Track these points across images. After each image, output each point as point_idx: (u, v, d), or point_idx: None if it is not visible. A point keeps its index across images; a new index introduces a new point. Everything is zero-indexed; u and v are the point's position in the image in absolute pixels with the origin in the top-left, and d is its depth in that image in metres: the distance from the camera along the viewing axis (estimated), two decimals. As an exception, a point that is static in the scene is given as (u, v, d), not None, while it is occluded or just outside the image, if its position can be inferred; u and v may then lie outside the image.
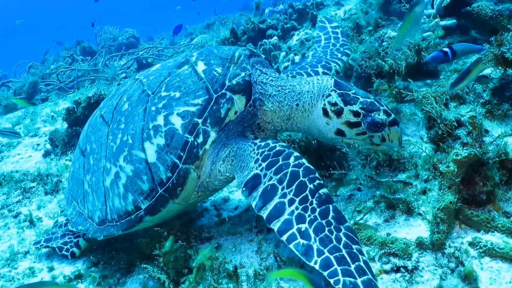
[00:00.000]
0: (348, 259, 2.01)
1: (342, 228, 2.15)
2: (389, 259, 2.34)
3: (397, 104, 3.98)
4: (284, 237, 2.19)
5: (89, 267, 3.47)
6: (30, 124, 8.16)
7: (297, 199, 2.29)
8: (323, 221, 2.18)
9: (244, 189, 2.53)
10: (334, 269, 1.98)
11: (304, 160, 2.46)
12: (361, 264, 1.99)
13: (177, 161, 2.71)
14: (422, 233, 2.44)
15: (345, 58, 3.81)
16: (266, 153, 2.58)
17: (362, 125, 2.66)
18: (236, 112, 2.79)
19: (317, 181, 2.33)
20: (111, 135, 3.03)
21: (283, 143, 2.66)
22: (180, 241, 2.84)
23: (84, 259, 3.61)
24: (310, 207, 2.25)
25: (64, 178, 5.39)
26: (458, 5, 4.82)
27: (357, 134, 2.70)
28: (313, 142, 3.43)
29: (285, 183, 2.38)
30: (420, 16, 3.07)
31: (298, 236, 2.16)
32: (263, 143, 2.66)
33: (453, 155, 2.35)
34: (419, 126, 3.54)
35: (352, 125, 2.68)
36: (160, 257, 2.73)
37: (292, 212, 2.26)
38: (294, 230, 2.19)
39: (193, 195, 2.87)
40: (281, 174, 2.42)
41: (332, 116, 2.72)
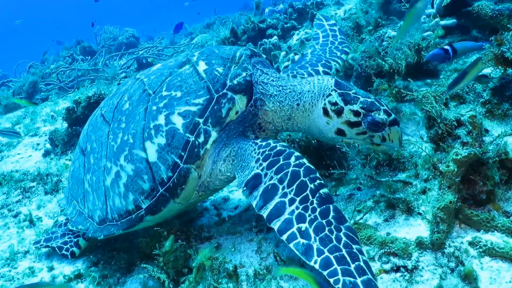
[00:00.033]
0: (348, 259, 2.01)
1: (343, 228, 2.15)
2: (389, 259, 2.33)
3: (397, 104, 3.97)
4: (284, 237, 2.19)
5: (89, 267, 3.47)
6: (30, 124, 8.16)
7: (298, 199, 2.29)
8: (323, 221, 2.18)
9: (245, 189, 2.53)
10: (334, 269, 1.97)
11: (305, 160, 2.46)
12: (361, 264, 1.99)
13: (178, 161, 2.71)
14: (422, 233, 2.44)
15: (344, 57, 3.81)
16: (267, 153, 2.57)
17: (363, 125, 2.65)
18: (237, 112, 2.79)
19: (318, 181, 2.33)
20: (112, 134, 3.03)
21: (284, 143, 2.65)
22: (180, 241, 2.84)
23: (84, 259, 3.61)
24: (311, 207, 2.24)
25: (64, 178, 5.39)
26: (458, 5, 4.81)
27: (358, 134, 2.70)
28: (313, 142, 3.43)
29: (286, 183, 2.37)
30: (422, 12, 3.08)
31: (298, 236, 2.16)
32: (264, 143, 2.66)
33: (453, 155, 2.35)
34: (419, 126, 3.54)
35: (353, 125, 2.68)
36: (160, 257, 2.73)
37: (293, 212, 2.26)
38: (294, 230, 2.19)
39: (194, 195, 2.87)
40: (282, 174, 2.42)
41: (333, 116, 2.72)
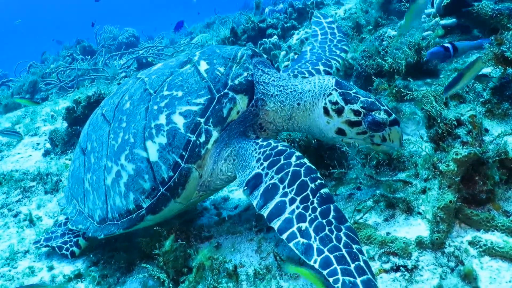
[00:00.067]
0: (348, 259, 2.00)
1: (343, 228, 2.15)
2: (389, 258, 2.33)
3: (397, 103, 3.97)
4: (284, 236, 2.19)
5: (89, 266, 3.47)
6: (30, 124, 8.16)
7: (298, 198, 2.29)
8: (324, 221, 2.17)
9: (246, 188, 2.53)
10: (334, 268, 1.97)
11: (306, 160, 2.46)
12: (361, 264, 1.99)
13: (179, 160, 2.71)
14: (422, 232, 2.43)
15: (344, 55, 3.81)
16: (268, 153, 2.57)
17: (363, 124, 2.65)
18: (238, 112, 2.79)
19: (319, 181, 2.33)
20: (113, 134, 3.03)
21: (285, 143, 2.65)
22: (180, 240, 2.83)
23: (84, 258, 3.61)
24: (311, 207, 2.24)
25: (64, 177, 5.39)
26: (458, 4, 4.81)
27: (358, 134, 2.70)
28: (313, 141, 3.43)
29: (287, 182, 2.37)
30: (423, 8, 3.08)
31: (298, 235, 2.16)
32: (265, 143, 2.66)
33: (453, 154, 2.35)
34: (419, 125, 3.53)
35: (353, 124, 2.68)
36: (160, 256, 2.73)
37: (293, 211, 2.25)
38: (294, 229, 2.19)
39: (195, 194, 2.87)
40: (283, 173, 2.42)
41: (333, 115, 2.72)
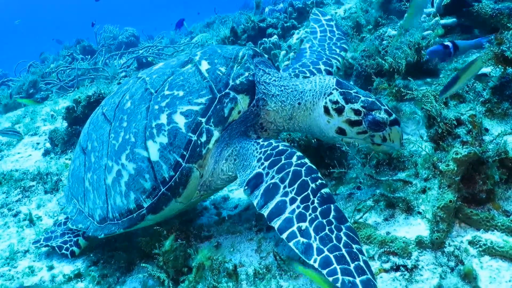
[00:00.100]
0: (348, 258, 2.00)
1: (343, 228, 2.15)
2: (389, 258, 2.33)
3: (397, 103, 3.97)
4: (284, 235, 2.19)
5: (89, 266, 3.47)
6: (30, 123, 8.16)
7: (299, 198, 2.29)
8: (324, 220, 2.18)
9: (246, 188, 2.53)
10: (333, 268, 1.97)
11: (307, 160, 2.46)
12: (361, 264, 1.99)
13: (180, 160, 2.71)
14: (422, 232, 2.43)
15: (343, 54, 3.81)
16: (269, 152, 2.57)
17: (363, 124, 2.66)
18: (240, 112, 2.79)
19: (319, 181, 2.33)
20: (113, 133, 3.03)
21: (286, 143, 2.66)
22: (180, 240, 2.83)
23: (84, 258, 3.61)
24: (311, 206, 2.24)
25: (64, 177, 5.39)
26: (458, 4, 4.81)
27: (358, 133, 2.70)
28: (313, 141, 3.43)
29: (287, 182, 2.37)
30: (424, 2, 3.07)
31: (298, 235, 2.16)
32: (266, 143, 2.66)
33: (453, 154, 2.35)
34: (419, 125, 3.53)
35: (353, 124, 2.68)
36: (160, 256, 2.72)
37: (293, 211, 2.26)
38: (295, 229, 2.19)
39: (196, 194, 2.87)
40: (283, 173, 2.42)
41: (333, 114, 2.72)
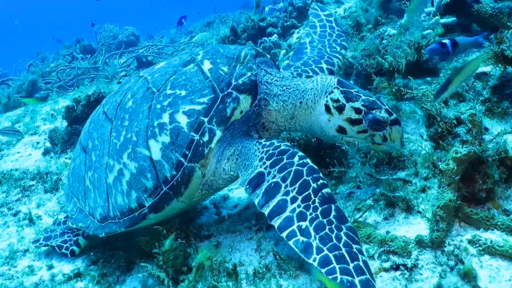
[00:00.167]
0: (347, 258, 2.01)
1: (343, 228, 2.15)
2: (389, 257, 2.33)
3: (397, 102, 3.97)
4: (284, 234, 2.20)
5: (89, 265, 3.47)
6: (30, 122, 8.16)
7: (300, 197, 2.30)
8: (324, 220, 2.18)
9: (248, 187, 2.54)
10: (333, 267, 1.98)
11: (308, 160, 2.47)
12: (360, 264, 1.99)
13: (182, 159, 2.71)
14: (422, 231, 2.44)
15: (344, 52, 3.82)
16: (271, 152, 2.58)
17: (364, 122, 2.66)
18: (242, 112, 2.79)
19: (321, 181, 2.34)
20: (115, 132, 3.03)
21: (288, 143, 2.67)
22: (180, 239, 2.84)
23: (84, 257, 3.61)
24: (312, 206, 2.25)
25: (64, 176, 5.38)
26: (458, 3, 4.81)
27: (359, 132, 2.70)
28: (313, 140, 3.43)
29: (289, 181, 2.38)
30: (424, 1, 3.07)
31: (298, 234, 2.17)
32: (268, 142, 2.67)
33: (453, 153, 2.35)
34: (419, 124, 3.53)
35: (354, 122, 2.68)
36: (160, 255, 2.73)
37: (294, 210, 2.26)
38: (295, 228, 2.19)
39: (197, 193, 2.88)
40: (285, 173, 2.42)
41: (334, 113, 2.73)
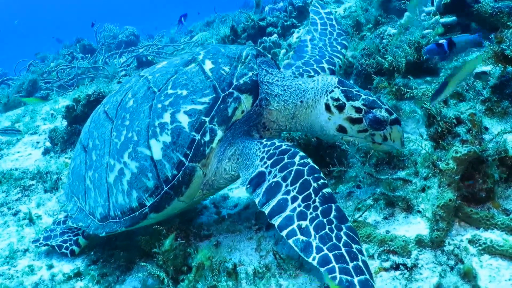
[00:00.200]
0: (347, 258, 2.01)
1: (343, 227, 2.16)
2: (389, 257, 2.33)
3: (397, 102, 3.97)
4: (284, 233, 2.20)
5: (89, 265, 3.47)
6: (30, 122, 8.15)
7: (300, 197, 2.30)
8: (324, 219, 2.18)
9: (249, 186, 2.54)
10: (332, 266, 1.98)
11: (309, 160, 2.47)
12: (360, 264, 1.99)
13: (183, 159, 2.71)
14: (422, 231, 2.44)
15: (344, 51, 3.82)
16: (272, 152, 2.58)
17: (364, 122, 2.67)
18: (243, 111, 2.80)
19: (321, 181, 2.34)
20: (115, 131, 3.03)
21: (289, 143, 2.67)
22: (179, 239, 2.84)
23: (84, 257, 3.61)
24: (313, 205, 2.25)
25: (64, 176, 5.38)
26: (458, 3, 4.81)
27: (359, 131, 2.70)
28: (313, 140, 3.43)
29: (289, 181, 2.38)
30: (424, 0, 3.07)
31: (298, 233, 2.17)
32: (269, 142, 2.67)
33: (453, 153, 2.35)
34: (419, 124, 3.53)
35: (354, 121, 2.69)
36: (160, 255, 2.73)
37: (294, 209, 2.27)
38: (295, 227, 2.20)
39: (198, 193, 2.88)
40: (286, 172, 2.43)
41: (334, 111, 2.73)
